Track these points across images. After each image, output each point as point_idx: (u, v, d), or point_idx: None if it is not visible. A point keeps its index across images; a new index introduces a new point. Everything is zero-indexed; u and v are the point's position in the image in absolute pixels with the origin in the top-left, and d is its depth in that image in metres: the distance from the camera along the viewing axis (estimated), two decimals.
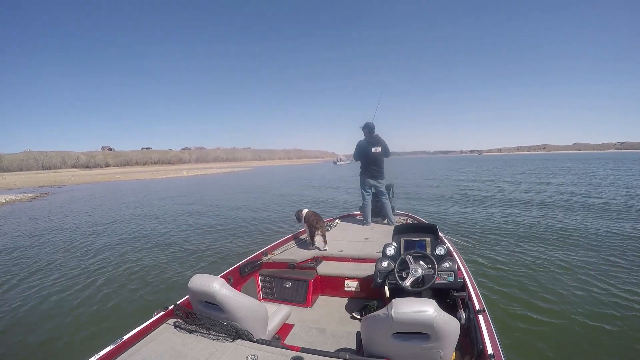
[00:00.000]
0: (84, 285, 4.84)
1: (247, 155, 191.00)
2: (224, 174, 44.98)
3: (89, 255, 6.44)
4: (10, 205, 16.44)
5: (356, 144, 4.96)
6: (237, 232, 7.89)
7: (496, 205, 10.35)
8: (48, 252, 6.82)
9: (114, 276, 5.15)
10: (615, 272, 4.32)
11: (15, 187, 31.21)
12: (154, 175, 43.68)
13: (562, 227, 6.92)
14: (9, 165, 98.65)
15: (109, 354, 1.61)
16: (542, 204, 10.00)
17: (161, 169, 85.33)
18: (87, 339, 3.37)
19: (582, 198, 10.74)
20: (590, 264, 4.66)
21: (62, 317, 3.87)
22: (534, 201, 10.67)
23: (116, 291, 4.57)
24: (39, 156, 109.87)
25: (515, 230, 6.86)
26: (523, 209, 9.32)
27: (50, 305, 4.21)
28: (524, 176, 21.02)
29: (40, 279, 5.16)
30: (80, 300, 4.33)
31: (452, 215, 8.92)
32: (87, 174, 66.90)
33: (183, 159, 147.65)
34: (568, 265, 4.67)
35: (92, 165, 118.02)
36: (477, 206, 10.28)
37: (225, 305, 1.76)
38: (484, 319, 1.85)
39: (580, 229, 6.71)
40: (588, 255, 5.07)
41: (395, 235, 2.80)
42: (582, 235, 6.26)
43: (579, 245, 5.63)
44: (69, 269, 5.61)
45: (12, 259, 6.42)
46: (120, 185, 29.88)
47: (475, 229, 7.18)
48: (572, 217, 7.90)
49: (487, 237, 6.40)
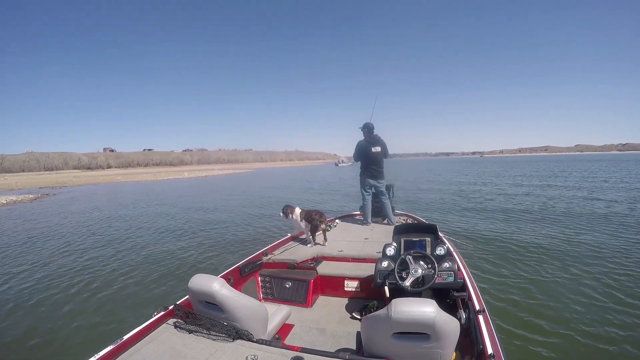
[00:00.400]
0: (84, 285, 4.85)
1: (248, 157, 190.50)
2: (225, 175, 44.89)
3: (89, 256, 6.44)
4: (10, 206, 16.45)
5: (356, 144, 4.93)
6: (237, 233, 7.90)
7: (497, 206, 10.34)
8: (48, 252, 6.82)
9: (114, 277, 5.15)
10: (616, 274, 4.30)
11: (16, 188, 31.25)
12: (156, 177, 43.66)
13: (563, 229, 6.91)
14: (10, 166, 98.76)
15: (109, 354, 1.61)
16: (543, 206, 9.99)
17: (163, 170, 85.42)
18: (86, 339, 3.36)
19: (584, 201, 10.70)
20: (591, 266, 4.65)
21: (61, 317, 3.87)
22: (535, 203, 10.66)
23: (116, 291, 4.57)
24: (41, 157, 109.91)
25: (515, 231, 6.85)
26: (524, 210, 9.31)
27: (50, 306, 4.21)
28: (526, 178, 20.92)
29: (41, 280, 5.16)
30: (80, 300, 4.33)
31: (453, 216, 8.92)
32: (88, 175, 67.07)
33: (185, 161, 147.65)
34: (568, 266, 4.66)
35: (94, 166, 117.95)
36: (477, 207, 10.27)
37: (225, 305, 1.76)
38: (484, 319, 1.85)
39: (582, 231, 6.70)
40: (589, 256, 5.06)
41: (395, 235, 2.80)
42: (584, 236, 6.25)
43: (580, 246, 5.61)
44: (70, 270, 5.61)
45: (11, 260, 6.43)
46: (121, 186, 29.89)
47: (475, 229, 7.17)
48: (574, 219, 7.86)
49: (488, 238, 6.40)
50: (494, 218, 8.35)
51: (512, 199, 11.80)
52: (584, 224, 7.20)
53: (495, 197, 12.53)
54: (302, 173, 43.44)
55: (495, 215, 8.66)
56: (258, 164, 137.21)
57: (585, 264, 4.69)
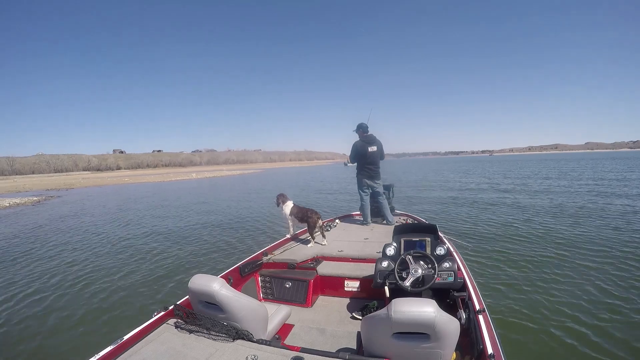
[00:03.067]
0: (83, 285, 4.85)
1: (257, 157, 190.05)
2: (233, 176, 44.40)
3: (88, 256, 6.44)
4: (13, 208, 16.34)
5: (352, 146, 4.85)
6: (238, 233, 7.90)
7: (498, 206, 10.34)
8: (48, 253, 6.83)
9: (113, 277, 5.15)
10: (619, 276, 4.28)
11: (24, 190, 31.28)
12: (164, 178, 43.55)
13: (565, 229, 6.88)
14: (21, 168, 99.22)
15: (109, 354, 1.61)
16: (545, 206, 9.96)
17: (171, 171, 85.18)
18: (87, 339, 3.36)
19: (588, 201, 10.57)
20: (593, 266, 4.64)
21: (61, 318, 3.87)
22: (537, 203, 10.62)
23: (116, 292, 4.57)
24: (51, 159, 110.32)
25: (516, 231, 6.85)
26: (525, 211, 9.30)
27: (50, 307, 4.21)
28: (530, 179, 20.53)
29: (40, 280, 5.17)
30: (79, 301, 4.33)
31: (453, 216, 8.92)
32: (97, 176, 67.42)
33: (194, 162, 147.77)
34: (569, 267, 4.65)
35: (104, 168, 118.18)
36: (478, 207, 10.28)
37: (225, 305, 1.76)
38: (484, 319, 1.85)
39: (584, 231, 6.66)
40: (591, 256, 5.05)
41: (395, 235, 2.80)
42: (586, 236, 6.23)
43: (581, 246, 5.59)
44: (69, 270, 5.62)
45: (13, 259, 6.43)
46: (128, 188, 29.82)
47: (475, 229, 7.17)
48: (575, 220, 7.81)
49: (488, 237, 6.39)
50: (494, 218, 8.34)
51: (513, 199, 11.78)
52: (587, 224, 7.14)
53: (496, 197, 12.52)
54: (309, 173, 42.95)
55: (496, 215, 8.65)
56: (267, 164, 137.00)
57: (587, 265, 4.68)
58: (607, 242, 5.69)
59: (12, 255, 6.81)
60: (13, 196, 23.55)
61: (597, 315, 3.33)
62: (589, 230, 6.63)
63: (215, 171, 64.84)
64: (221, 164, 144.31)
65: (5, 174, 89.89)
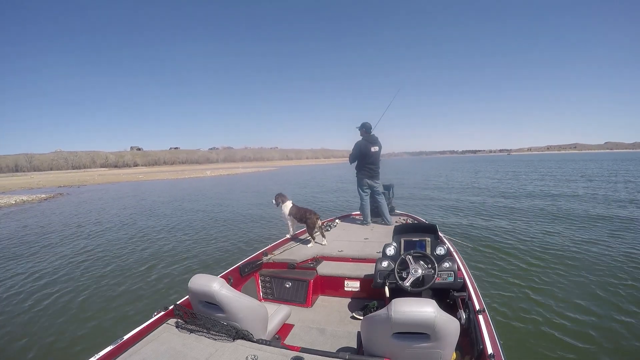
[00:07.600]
0: (83, 286, 4.84)
1: (274, 155, 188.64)
2: (248, 173, 43.36)
3: (88, 256, 6.44)
4: (18, 206, 16.07)
5: (354, 144, 4.83)
6: (238, 233, 7.90)
7: (498, 206, 10.33)
8: (48, 253, 6.82)
9: (113, 277, 5.15)
10: (619, 277, 4.28)
11: (36, 186, 30.87)
12: (178, 175, 43.14)
13: (566, 230, 6.87)
14: (39, 164, 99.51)
15: (109, 354, 1.61)
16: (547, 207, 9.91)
17: (186, 168, 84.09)
18: (87, 339, 3.36)
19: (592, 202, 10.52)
20: (593, 267, 4.64)
21: (61, 318, 3.87)
22: (538, 204, 10.60)
23: (115, 292, 4.56)
24: (69, 156, 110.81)
25: (516, 231, 6.85)
26: (526, 211, 9.29)
27: (49, 307, 4.21)
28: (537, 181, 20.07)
29: (40, 280, 5.17)
30: (79, 301, 4.33)
31: (454, 216, 8.92)
32: (113, 173, 67.37)
33: (210, 159, 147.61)
34: (570, 267, 4.65)
35: (121, 164, 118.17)
36: (478, 207, 10.27)
37: (225, 305, 1.76)
38: (484, 319, 1.85)
39: (586, 232, 6.64)
40: (592, 257, 5.04)
41: (395, 235, 2.80)
42: (587, 237, 6.22)
43: (583, 247, 5.58)
44: (69, 270, 5.61)
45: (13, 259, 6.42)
46: (141, 185, 29.50)
47: (476, 229, 7.17)
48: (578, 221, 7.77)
49: (488, 237, 6.39)
50: (494, 218, 8.34)
51: (514, 199, 11.78)
52: (589, 226, 7.12)
53: (496, 197, 12.53)
54: (324, 171, 42.03)
55: (496, 216, 8.65)
56: (284, 162, 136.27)
57: (588, 266, 4.68)
58: (611, 245, 5.65)
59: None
60: (23, 193, 23.11)
61: (598, 316, 3.33)
62: (594, 232, 6.58)
63: (231, 169, 63.75)
64: (237, 161, 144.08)
65: (24, 170, 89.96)
